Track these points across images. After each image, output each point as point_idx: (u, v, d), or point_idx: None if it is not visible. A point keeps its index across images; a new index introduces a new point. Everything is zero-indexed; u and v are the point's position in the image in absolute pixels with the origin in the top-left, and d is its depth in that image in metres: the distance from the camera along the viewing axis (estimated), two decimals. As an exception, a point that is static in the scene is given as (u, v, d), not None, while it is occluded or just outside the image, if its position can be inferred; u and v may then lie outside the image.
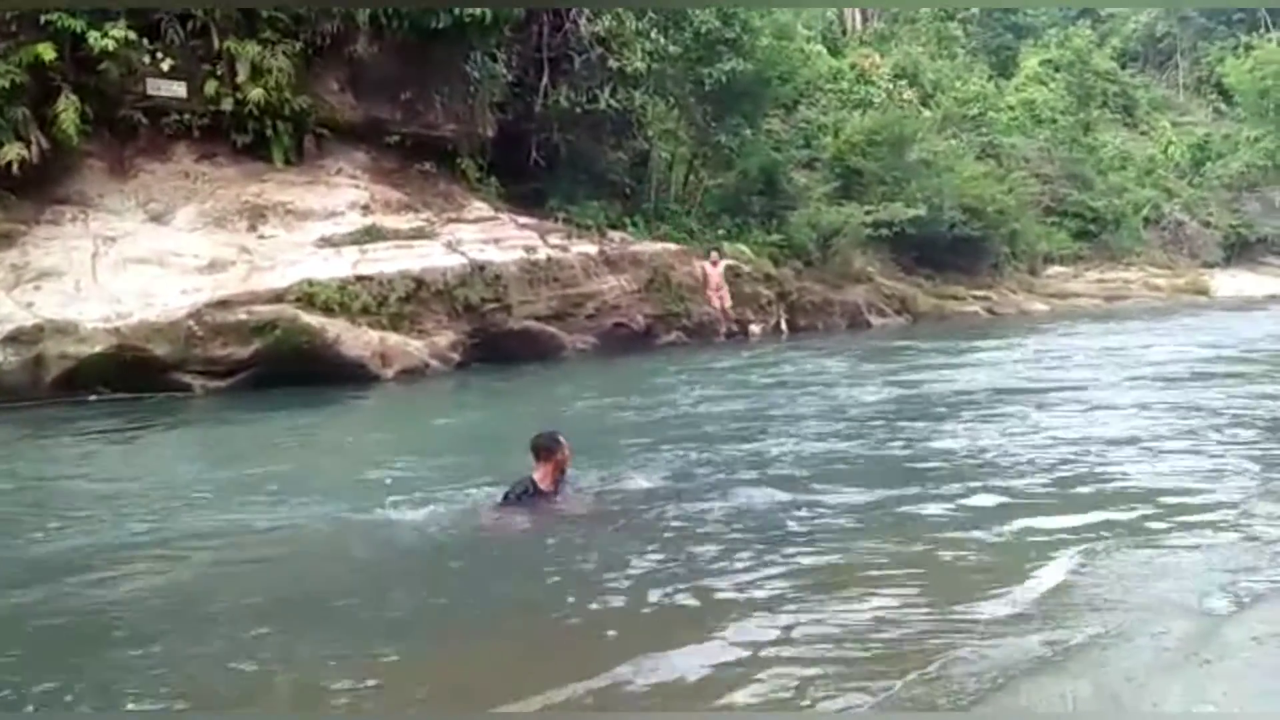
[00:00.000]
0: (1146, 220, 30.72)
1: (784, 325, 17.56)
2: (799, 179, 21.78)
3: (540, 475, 5.50)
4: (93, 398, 10.90)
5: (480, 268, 14.16)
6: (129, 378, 11.07)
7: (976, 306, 22.88)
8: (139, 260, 11.98)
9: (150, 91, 12.82)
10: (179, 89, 13.10)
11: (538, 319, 14.98)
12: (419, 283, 13.44)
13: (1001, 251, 25.32)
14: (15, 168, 11.40)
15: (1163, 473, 6.29)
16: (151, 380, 11.18)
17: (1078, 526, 5.07)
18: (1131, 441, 7.25)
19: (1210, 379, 10.89)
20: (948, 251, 23.35)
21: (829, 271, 20.12)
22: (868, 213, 20.62)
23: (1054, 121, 31.09)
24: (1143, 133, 35.96)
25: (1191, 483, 6.00)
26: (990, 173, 25.93)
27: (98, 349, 11.02)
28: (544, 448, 5.52)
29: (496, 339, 14.29)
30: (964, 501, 5.63)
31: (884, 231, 20.98)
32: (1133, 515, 5.26)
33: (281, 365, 11.68)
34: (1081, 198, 29.24)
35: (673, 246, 17.33)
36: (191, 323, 11.50)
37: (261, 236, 13.19)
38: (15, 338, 10.84)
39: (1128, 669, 3.44)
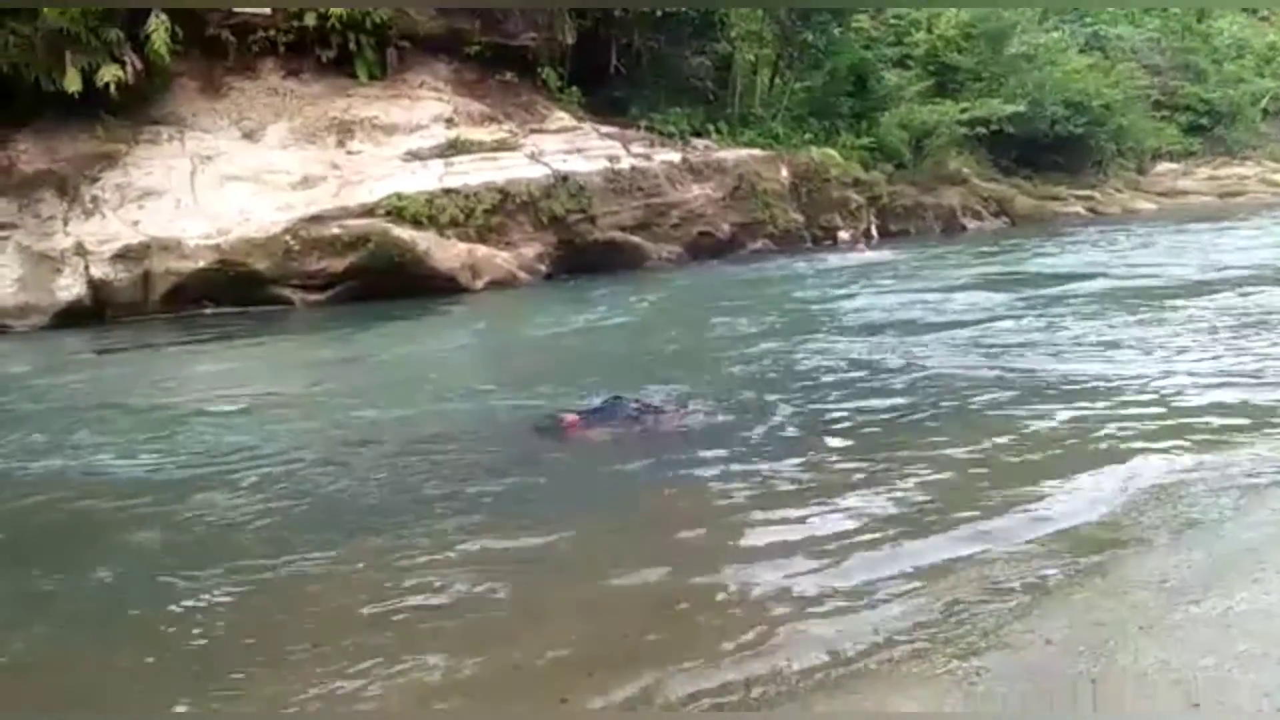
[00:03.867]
0: (1265, 113, 28.74)
1: (874, 230, 17.05)
2: (890, 78, 20.88)
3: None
4: (209, 310, 11.26)
5: (564, 178, 14.05)
6: (232, 292, 11.40)
7: (1079, 206, 21.88)
8: (234, 178, 12.20)
9: (235, 8, 12.88)
10: (263, 4, 13.13)
11: (622, 229, 14.85)
12: (504, 194, 13.41)
13: (1107, 149, 24.05)
14: (113, 89, 11.62)
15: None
16: (253, 294, 11.49)
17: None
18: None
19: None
20: (1048, 150, 22.27)
21: (922, 174, 19.41)
22: (963, 111, 19.73)
23: (1164, 10, 29.05)
24: (1262, 18, 33.35)
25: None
26: (1095, 66, 24.49)
27: (201, 264, 11.35)
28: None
29: (582, 250, 14.24)
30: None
31: (980, 130, 20.08)
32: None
33: (376, 278, 11.86)
34: (1194, 90, 27.47)
35: (758, 152, 16.88)
36: (288, 238, 11.73)
37: (350, 152, 13.28)
38: (124, 255, 11.22)
39: (1246, 540, 3.28)
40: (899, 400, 5.63)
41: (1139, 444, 4.50)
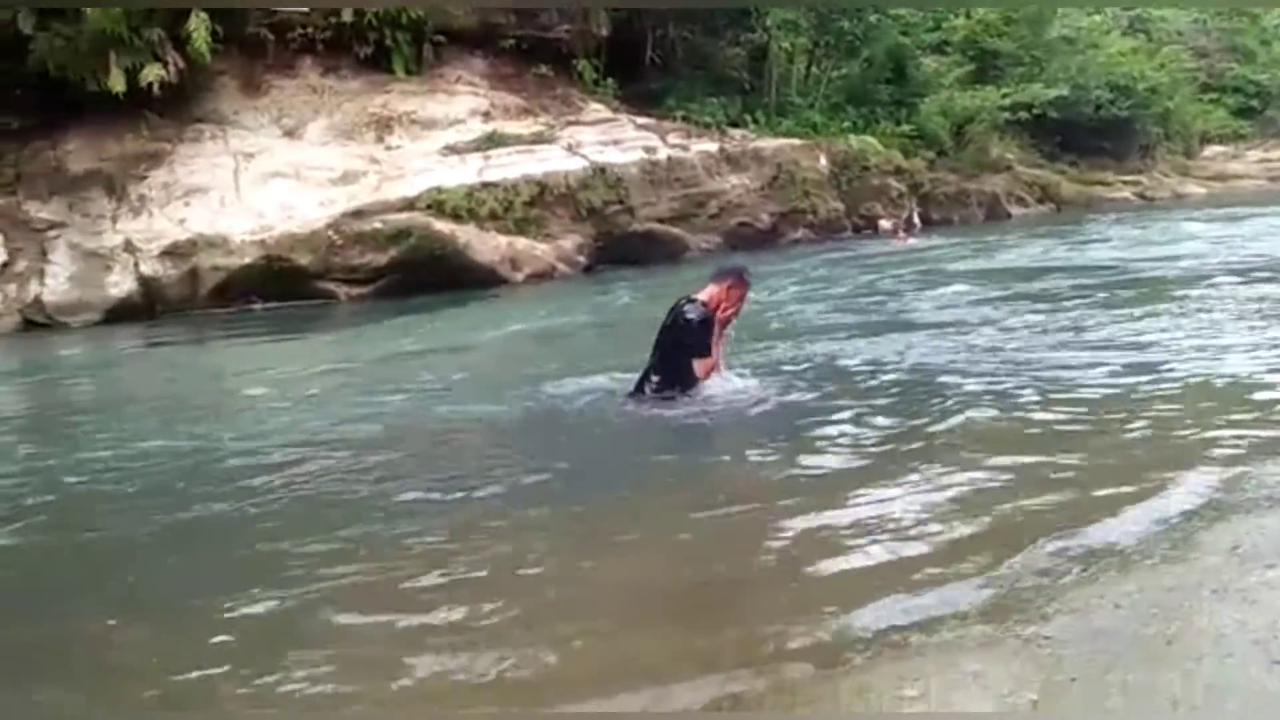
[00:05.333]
0: (1318, 92, 27.96)
1: (916, 218, 16.84)
2: (928, 64, 20.63)
3: (710, 295, 5.11)
4: (257, 306, 11.41)
5: (601, 170, 14.06)
6: (278, 287, 11.55)
7: (1126, 192, 21.45)
8: (277, 174, 12.36)
9: (273, 5, 13.04)
10: (298, 4, 13.29)
11: (660, 221, 14.83)
12: (542, 187, 13.45)
13: (1153, 133, 23.57)
14: (155, 88, 11.82)
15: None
16: (298, 289, 11.63)
17: None
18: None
19: None
20: (1093, 135, 21.86)
21: (964, 161, 19.14)
22: (1004, 96, 19.42)
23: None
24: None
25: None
26: (1139, 48, 23.98)
27: (246, 260, 11.50)
28: (730, 271, 5.28)
29: (620, 241, 14.23)
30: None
31: (1022, 115, 19.75)
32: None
33: (418, 271, 11.95)
34: (1242, 71, 26.85)
35: (796, 141, 16.76)
36: (330, 232, 11.85)
37: (389, 147, 13.40)
38: (171, 252, 11.41)
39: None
40: (970, 383, 5.51)
41: (1216, 428, 4.37)
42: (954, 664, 2.39)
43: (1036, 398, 5.07)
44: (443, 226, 12.37)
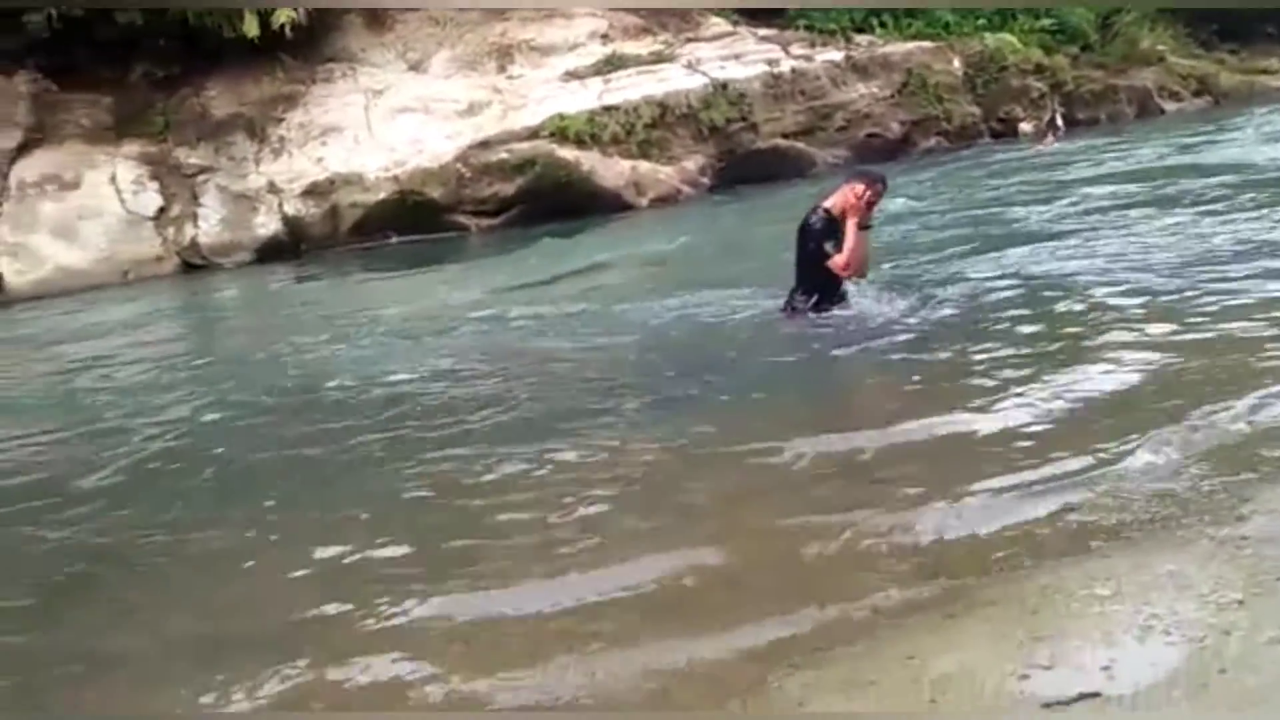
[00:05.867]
0: None
1: (1059, 120, 15.82)
2: (1070, -48, 19.11)
3: (837, 200, 5.04)
4: (393, 240, 11.76)
5: (722, 86, 13.72)
6: (412, 221, 11.84)
7: (1295, 80, 19.55)
8: (405, 109, 12.58)
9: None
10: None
11: (785, 136, 14.41)
12: (663, 108, 13.25)
13: (1328, 11, 21.27)
14: (288, 30, 12.16)
15: None
16: (431, 222, 11.90)
17: None
18: None
19: None
20: (1256, 20, 19.93)
21: (1111, 55, 17.78)
22: (1156, -20, 17.88)
23: None
24: None
25: None
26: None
27: (381, 196, 11.83)
28: (860, 174, 5.17)
29: (745, 160, 13.93)
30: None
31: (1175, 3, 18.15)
32: None
33: (544, 200, 12.03)
34: None
35: (926, 44, 15.89)
36: (459, 165, 12.03)
37: (510, 76, 13.43)
38: (312, 191, 11.83)
39: None
40: (1122, 290, 5.22)
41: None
42: (1145, 564, 2.30)
43: (1204, 303, 4.76)
44: (566, 153, 12.38)
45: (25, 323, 9.31)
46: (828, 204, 5.11)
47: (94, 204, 11.52)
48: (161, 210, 11.78)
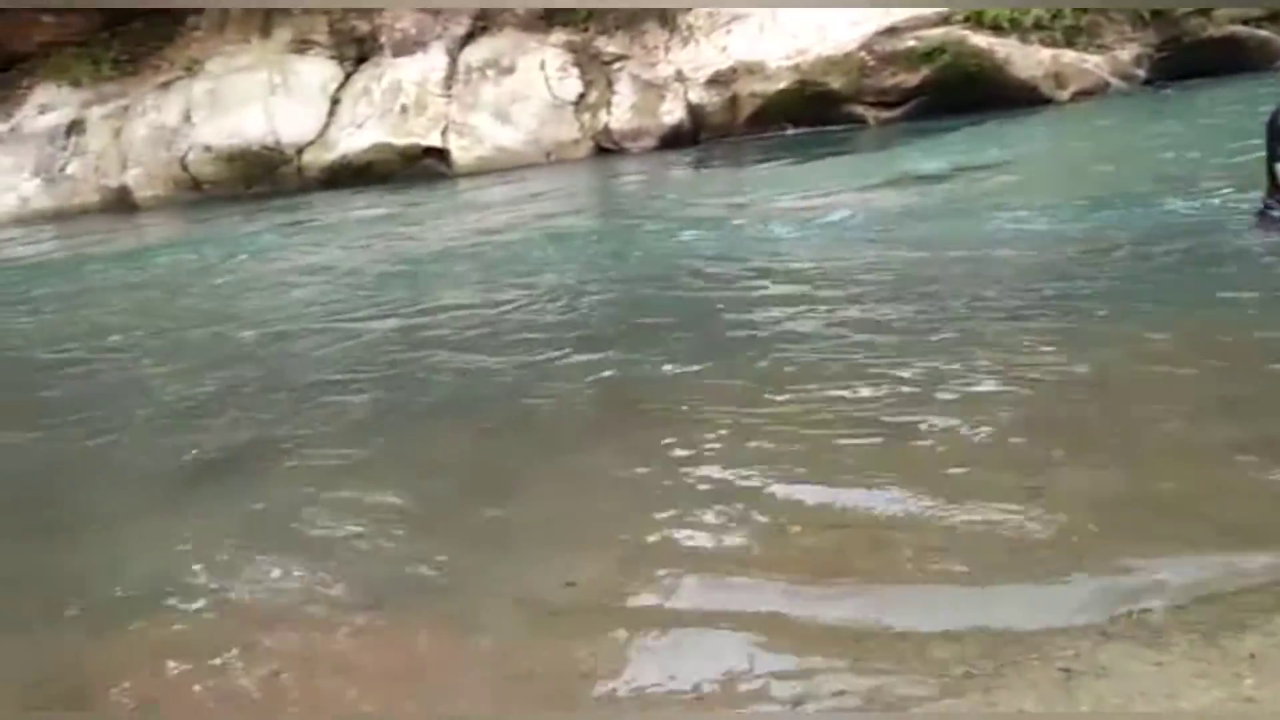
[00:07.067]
0: None
1: None
2: None
3: None
4: (789, 131, 11.81)
5: (1177, -39, 11.92)
6: (809, 111, 11.76)
7: None
8: (812, -6, 12.32)
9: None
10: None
11: (1246, 22, 12.28)
12: (1100, -12, 11.81)
13: None
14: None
15: None
16: (829, 113, 11.74)
17: None
18: None
19: None
20: None
21: None
22: None
23: None
24: None
25: None
26: None
27: (781, 86, 11.83)
28: None
29: (1191, 50, 12.08)
30: None
31: None
32: None
33: (949, 92, 11.36)
34: None
35: None
36: (863, 54, 11.67)
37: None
38: (715, 80, 12.11)
39: None
40: None
41: None
42: None
43: None
44: (980, 41, 11.52)
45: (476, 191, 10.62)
46: None
47: (525, 89, 12.68)
48: (581, 96, 12.68)
